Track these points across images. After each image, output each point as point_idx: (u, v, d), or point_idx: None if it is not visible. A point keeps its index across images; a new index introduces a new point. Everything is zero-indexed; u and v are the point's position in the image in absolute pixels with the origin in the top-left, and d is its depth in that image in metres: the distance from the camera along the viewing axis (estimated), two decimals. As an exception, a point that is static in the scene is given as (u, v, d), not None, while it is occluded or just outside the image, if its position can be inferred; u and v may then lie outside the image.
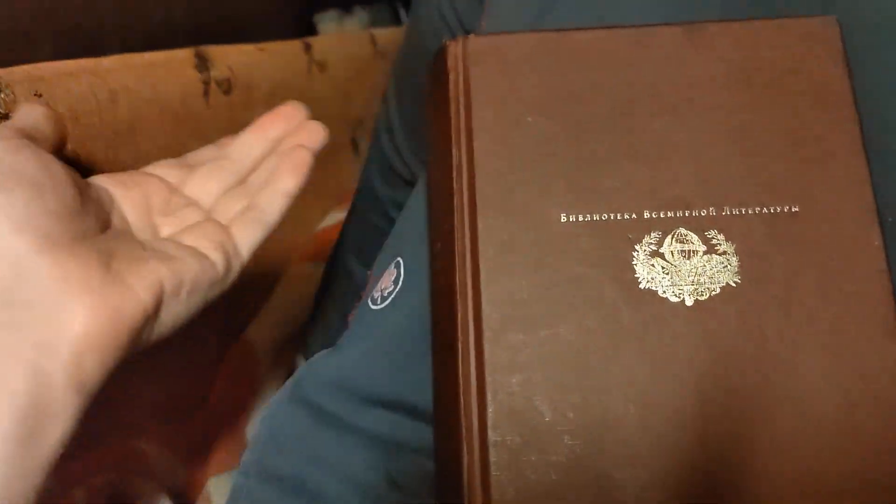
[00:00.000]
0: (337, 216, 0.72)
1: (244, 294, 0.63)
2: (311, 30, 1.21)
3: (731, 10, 0.35)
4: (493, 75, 0.30)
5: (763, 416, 0.26)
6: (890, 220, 0.31)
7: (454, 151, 0.29)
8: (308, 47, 0.78)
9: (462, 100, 0.30)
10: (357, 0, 1.29)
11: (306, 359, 0.57)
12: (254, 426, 0.53)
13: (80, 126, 0.44)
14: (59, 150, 0.34)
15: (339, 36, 1.02)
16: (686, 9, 0.36)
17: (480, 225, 0.28)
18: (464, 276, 0.28)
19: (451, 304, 0.28)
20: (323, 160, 0.80)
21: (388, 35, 1.01)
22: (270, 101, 0.67)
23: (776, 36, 0.30)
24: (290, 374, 0.60)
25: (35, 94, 0.41)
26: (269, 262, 0.67)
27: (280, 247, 0.69)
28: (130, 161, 0.47)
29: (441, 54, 0.31)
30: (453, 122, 0.29)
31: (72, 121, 0.43)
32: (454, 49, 0.30)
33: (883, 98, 0.31)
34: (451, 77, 0.30)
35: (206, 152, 0.41)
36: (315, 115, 0.77)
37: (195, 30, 0.78)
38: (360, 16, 1.30)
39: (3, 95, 0.40)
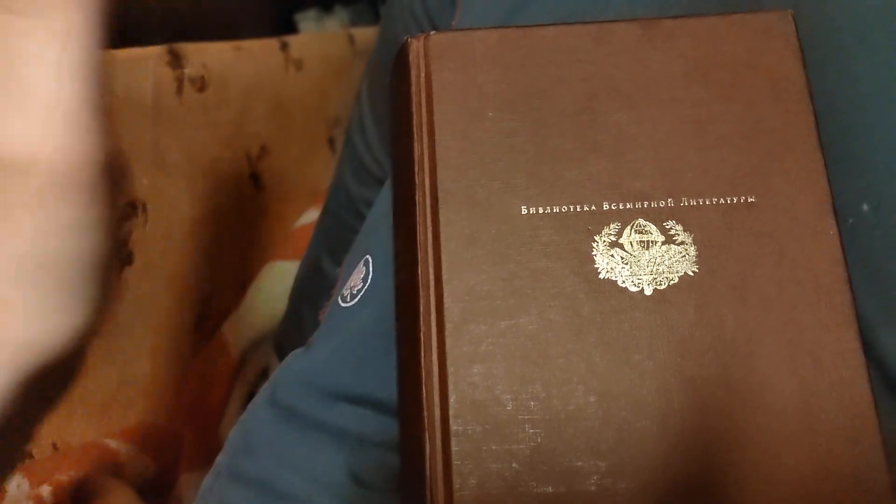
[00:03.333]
0: (313, 215, 0.72)
1: (219, 292, 0.63)
2: (292, 28, 1.21)
3: (697, 6, 0.36)
4: (455, 71, 0.30)
5: (722, 404, 0.26)
6: (851, 220, 0.31)
7: (416, 147, 0.29)
8: (285, 46, 0.78)
9: (423, 96, 0.30)
10: (337, -1, 1.29)
11: (280, 357, 0.57)
12: (227, 425, 0.53)
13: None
14: None
15: (316, 35, 1.02)
16: (654, 5, 0.37)
17: (442, 219, 0.28)
18: (426, 270, 0.28)
19: (413, 298, 0.28)
20: (301, 158, 0.80)
21: (366, 34, 1.02)
22: (245, 99, 0.67)
23: (732, 31, 0.30)
24: (263, 372, 0.60)
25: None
26: (244, 261, 0.67)
27: (256, 245, 0.69)
28: (101, 158, 0.47)
29: (403, 51, 0.31)
30: (415, 117, 0.30)
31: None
32: (416, 46, 0.30)
33: (844, 101, 0.32)
34: (413, 73, 0.30)
35: None
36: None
37: (172, 28, 0.78)
38: (340, 14, 1.30)
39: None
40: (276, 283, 0.65)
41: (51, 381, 0.20)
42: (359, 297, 0.35)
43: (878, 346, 0.30)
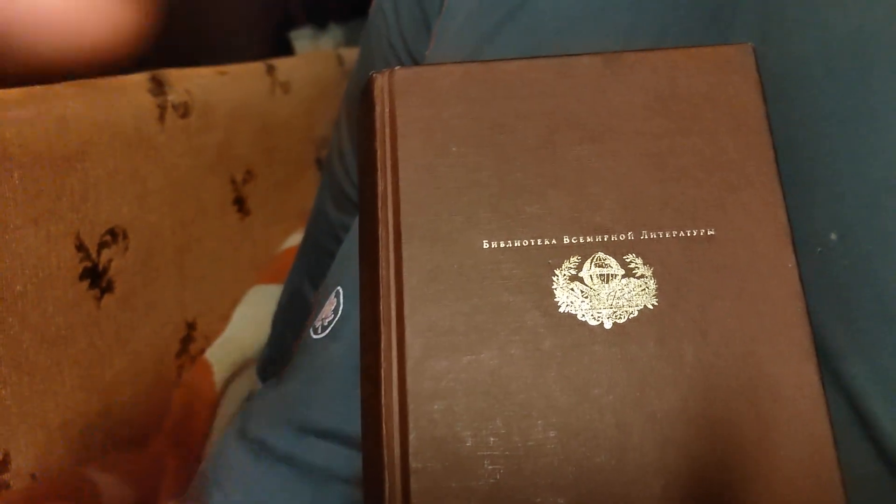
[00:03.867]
0: (299, 237, 0.73)
1: (203, 315, 0.63)
2: (287, 46, 1.22)
3: (664, 40, 0.36)
4: (419, 106, 0.30)
5: (681, 439, 0.27)
6: (819, 249, 0.31)
7: (380, 181, 0.30)
8: (271, 69, 0.78)
9: (388, 131, 0.30)
10: (333, 17, 1.30)
11: (263, 382, 0.58)
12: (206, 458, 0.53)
13: (28, 153, 0.44)
14: None
15: (304, 57, 1.02)
16: (621, 37, 0.37)
17: (405, 254, 0.28)
18: (388, 305, 0.28)
19: (375, 334, 0.28)
20: (287, 181, 0.80)
21: (355, 54, 1.02)
22: (230, 123, 0.67)
23: (693, 63, 0.30)
24: (248, 398, 0.60)
25: (-20, 123, 0.42)
26: (229, 284, 0.67)
27: (241, 268, 0.69)
28: (79, 187, 0.47)
29: (368, 86, 0.31)
30: (379, 152, 0.30)
31: (19, 148, 0.43)
32: (381, 81, 0.31)
33: (811, 131, 0.32)
34: (378, 108, 0.30)
35: None
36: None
37: (167, 49, 0.78)
38: (335, 32, 1.31)
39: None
40: (261, 306, 0.65)
41: None
42: (329, 328, 0.35)
43: (845, 376, 0.30)
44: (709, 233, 0.28)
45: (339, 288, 0.36)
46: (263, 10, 1.15)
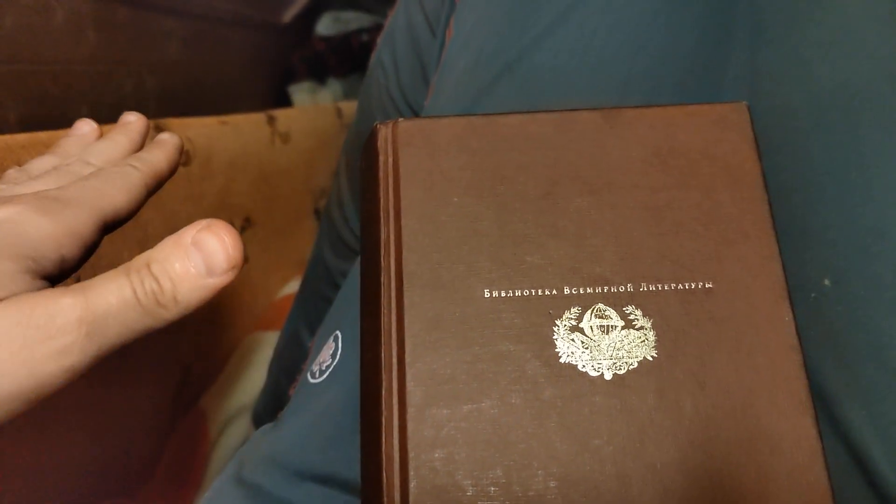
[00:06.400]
0: (297, 285, 0.73)
1: (200, 359, 0.62)
2: (286, 100, 1.23)
3: (657, 97, 0.37)
4: (422, 157, 0.31)
5: (680, 491, 0.27)
6: (813, 295, 0.32)
7: (383, 229, 0.30)
8: (272, 119, 0.79)
9: (391, 180, 0.31)
10: (332, 72, 1.32)
11: (257, 428, 0.57)
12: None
13: (32, 198, 0.44)
14: None
15: (303, 108, 1.04)
16: (615, 94, 0.38)
17: (406, 301, 0.29)
18: (389, 352, 0.28)
19: (376, 381, 0.28)
20: (285, 229, 0.81)
21: (353, 107, 1.04)
22: (230, 171, 0.68)
23: (690, 121, 0.31)
24: (241, 445, 0.59)
25: (-14, 168, 0.42)
26: (226, 331, 0.67)
27: (238, 315, 0.69)
28: (82, 233, 0.48)
29: (372, 136, 0.32)
30: (382, 201, 0.30)
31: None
32: (384, 132, 0.31)
33: (801, 180, 0.33)
34: (381, 158, 0.31)
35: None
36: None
37: (166, 100, 0.80)
38: (333, 87, 1.33)
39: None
40: (257, 353, 0.65)
41: None
42: (328, 373, 0.35)
43: (843, 421, 0.30)
44: (706, 286, 0.29)
45: (337, 332, 0.36)
46: (266, 64, 1.17)
